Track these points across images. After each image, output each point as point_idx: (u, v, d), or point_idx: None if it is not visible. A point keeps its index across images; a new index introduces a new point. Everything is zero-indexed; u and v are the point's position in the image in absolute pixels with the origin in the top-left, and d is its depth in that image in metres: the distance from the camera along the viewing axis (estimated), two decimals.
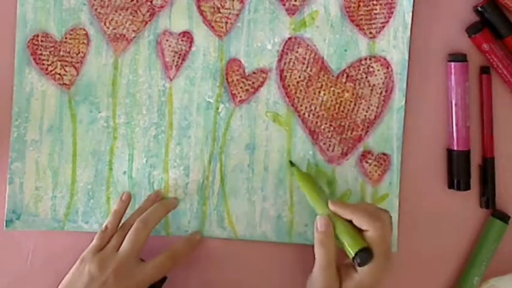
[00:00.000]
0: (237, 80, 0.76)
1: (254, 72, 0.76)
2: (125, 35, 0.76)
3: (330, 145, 0.76)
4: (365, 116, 0.76)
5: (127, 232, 0.71)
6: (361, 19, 0.76)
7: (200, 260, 0.77)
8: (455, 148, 0.75)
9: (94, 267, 0.69)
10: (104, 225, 0.73)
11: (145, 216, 0.72)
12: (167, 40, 0.76)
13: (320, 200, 0.72)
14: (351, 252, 0.68)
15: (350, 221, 0.69)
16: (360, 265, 0.67)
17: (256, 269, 0.76)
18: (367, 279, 0.68)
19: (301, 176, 0.74)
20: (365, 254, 0.67)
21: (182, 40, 0.76)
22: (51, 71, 0.76)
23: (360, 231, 0.69)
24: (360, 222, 0.68)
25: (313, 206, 0.72)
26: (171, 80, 0.76)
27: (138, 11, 0.76)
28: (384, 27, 0.76)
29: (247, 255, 0.76)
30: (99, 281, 0.68)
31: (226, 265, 0.77)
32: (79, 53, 0.76)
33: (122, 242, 0.70)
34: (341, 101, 0.76)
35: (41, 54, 0.76)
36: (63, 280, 0.70)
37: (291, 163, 0.75)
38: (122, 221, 0.74)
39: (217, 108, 0.76)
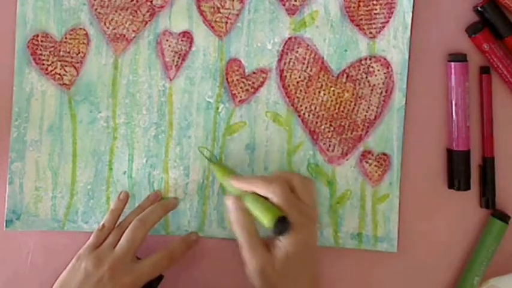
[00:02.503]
0: (237, 80, 0.76)
1: (254, 72, 0.76)
2: (124, 35, 0.76)
3: (330, 145, 0.76)
4: (365, 116, 0.76)
5: (124, 231, 0.71)
6: (361, 19, 0.76)
7: (200, 260, 0.77)
8: (455, 148, 0.75)
9: (90, 264, 0.69)
10: (101, 224, 0.73)
11: (144, 215, 0.72)
12: (167, 40, 0.76)
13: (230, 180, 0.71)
14: (268, 224, 0.66)
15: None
16: (279, 235, 0.66)
17: None
18: (292, 246, 0.66)
19: (215, 167, 0.74)
20: (281, 223, 0.65)
21: (182, 40, 0.76)
22: (51, 71, 0.76)
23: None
24: (258, 190, 0.67)
25: (226, 190, 0.72)
26: (171, 80, 0.76)
27: (138, 11, 0.76)
28: (384, 27, 0.76)
29: None
30: (94, 278, 0.68)
31: (226, 265, 0.76)
32: (79, 53, 0.76)
33: (118, 240, 0.70)
34: (341, 101, 0.76)
35: (41, 54, 0.76)
36: (59, 277, 0.70)
37: (211, 158, 0.75)
38: (120, 220, 0.74)
39: (217, 108, 0.76)
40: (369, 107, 0.76)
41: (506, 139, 0.76)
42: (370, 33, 0.76)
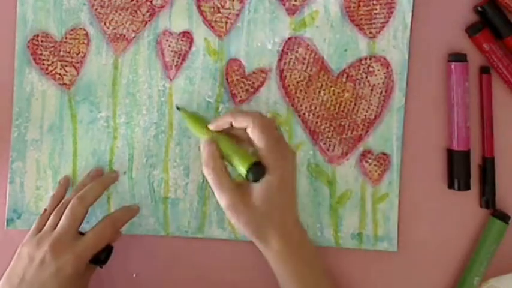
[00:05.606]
0: (237, 80, 0.76)
1: (254, 72, 0.76)
2: (124, 35, 0.76)
3: (330, 145, 0.76)
4: (365, 115, 0.76)
5: (64, 211, 0.70)
6: (361, 19, 0.76)
7: (200, 260, 0.77)
8: (455, 148, 0.75)
9: (31, 248, 0.68)
10: (43, 210, 0.73)
11: (82, 193, 0.71)
12: (167, 40, 0.76)
13: (203, 127, 0.70)
14: (242, 170, 0.66)
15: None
16: (254, 181, 0.66)
17: (256, 269, 0.76)
18: (267, 187, 0.66)
19: (186, 115, 0.73)
20: (256, 168, 0.66)
21: (182, 40, 0.76)
22: (51, 71, 0.76)
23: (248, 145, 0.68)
24: (238, 120, 0.67)
25: (198, 135, 0.71)
26: (171, 80, 0.76)
27: (138, 11, 0.76)
28: (383, 27, 0.76)
29: (247, 255, 0.76)
30: (37, 260, 0.68)
31: (226, 265, 0.77)
32: (79, 53, 0.76)
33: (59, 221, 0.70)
34: (341, 101, 0.76)
35: (41, 54, 0.76)
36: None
37: (177, 108, 0.75)
38: None
39: (217, 108, 0.76)
40: (368, 107, 0.76)
41: (506, 139, 0.76)
42: (370, 33, 0.76)
